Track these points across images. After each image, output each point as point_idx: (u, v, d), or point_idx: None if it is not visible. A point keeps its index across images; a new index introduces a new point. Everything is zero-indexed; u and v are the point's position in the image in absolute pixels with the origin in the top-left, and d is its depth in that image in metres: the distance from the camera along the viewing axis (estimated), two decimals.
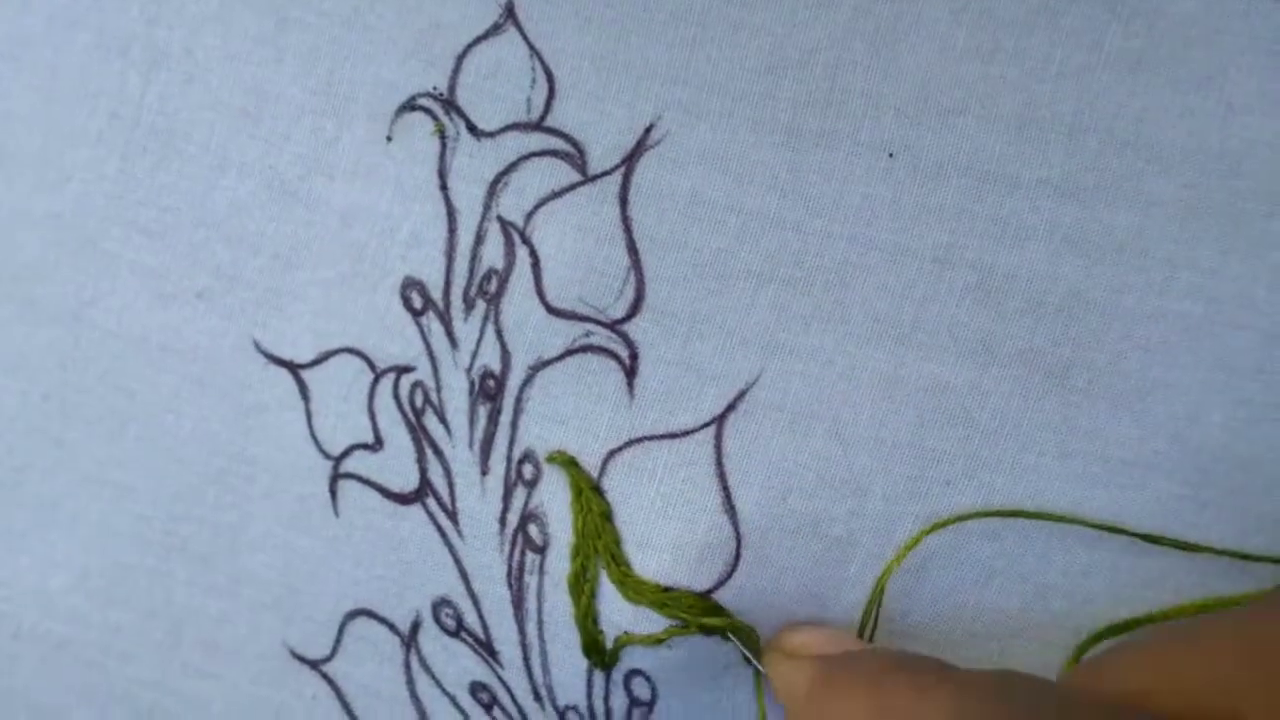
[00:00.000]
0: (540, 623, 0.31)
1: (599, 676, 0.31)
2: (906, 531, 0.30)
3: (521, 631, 0.32)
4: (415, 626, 0.33)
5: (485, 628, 0.32)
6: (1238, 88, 0.29)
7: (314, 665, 0.34)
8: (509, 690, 0.32)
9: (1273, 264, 0.29)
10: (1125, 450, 0.30)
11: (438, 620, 0.32)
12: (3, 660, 0.35)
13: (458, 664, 0.33)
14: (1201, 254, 0.29)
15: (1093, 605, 0.30)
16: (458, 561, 0.32)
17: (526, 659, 0.32)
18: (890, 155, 0.30)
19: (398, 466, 0.32)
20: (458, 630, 0.32)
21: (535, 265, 0.31)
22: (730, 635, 0.30)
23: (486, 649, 0.32)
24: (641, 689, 0.31)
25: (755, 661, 0.30)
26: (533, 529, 0.31)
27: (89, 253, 0.34)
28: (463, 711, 0.33)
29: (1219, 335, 0.29)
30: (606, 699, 0.32)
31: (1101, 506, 0.30)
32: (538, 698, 0.32)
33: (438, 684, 0.33)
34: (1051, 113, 0.29)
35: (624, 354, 0.31)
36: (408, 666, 0.33)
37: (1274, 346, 0.29)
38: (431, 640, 0.33)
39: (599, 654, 0.31)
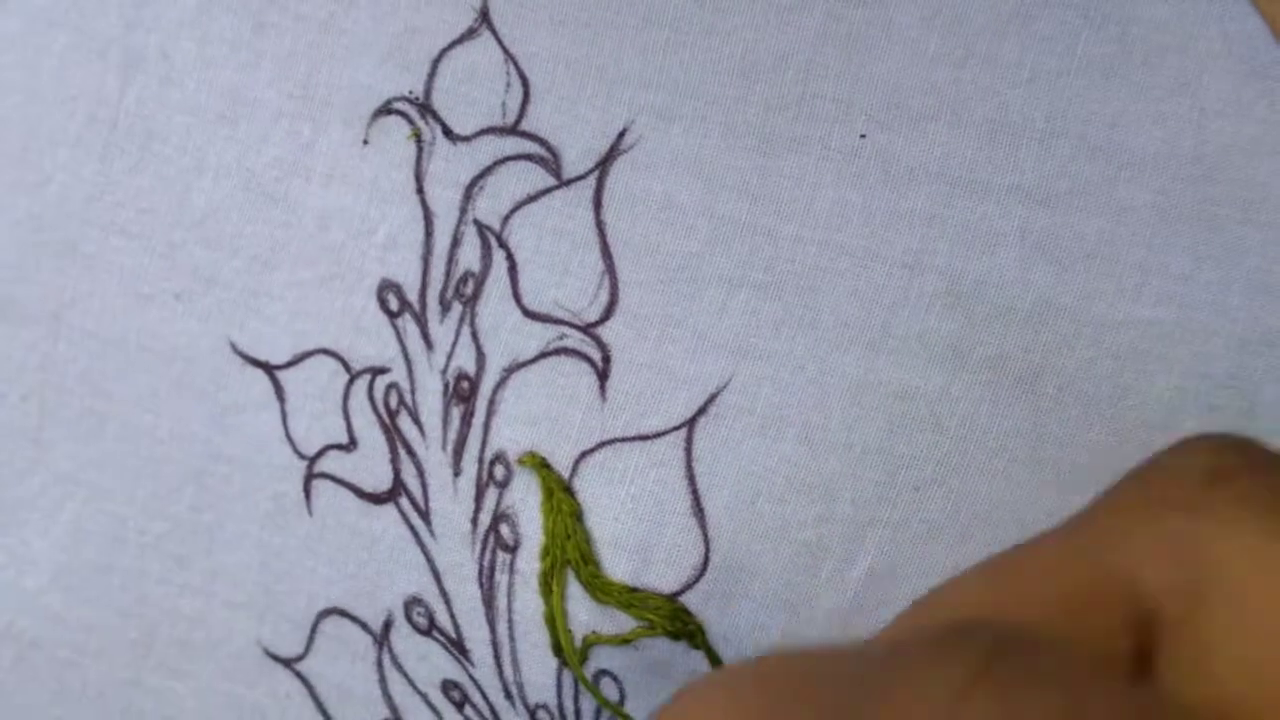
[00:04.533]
0: (510, 621, 0.32)
1: (568, 676, 0.31)
2: (876, 537, 0.30)
3: (492, 630, 0.32)
4: (387, 625, 0.33)
5: (456, 626, 0.32)
6: (1211, 93, 0.29)
7: (287, 664, 0.34)
8: (480, 689, 0.32)
9: (1246, 270, 0.29)
10: (1096, 457, 0.29)
11: (409, 619, 0.33)
12: None
13: (429, 663, 0.33)
14: (1174, 260, 0.29)
15: None
16: (429, 560, 0.32)
17: (497, 657, 0.32)
18: (862, 136, 0.30)
19: (371, 467, 0.32)
20: (429, 629, 0.32)
21: (512, 269, 0.31)
22: (695, 637, 0.30)
23: (458, 647, 0.32)
24: (610, 690, 0.31)
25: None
26: (504, 529, 0.31)
27: (69, 254, 0.34)
28: (435, 710, 0.33)
29: (1191, 342, 0.29)
30: (576, 698, 0.32)
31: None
32: (509, 696, 0.32)
33: (410, 683, 0.33)
34: (1023, 118, 0.29)
35: (597, 357, 0.31)
36: (380, 665, 0.33)
37: (1246, 353, 0.29)
38: (403, 639, 0.33)
39: (568, 652, 0.31)
